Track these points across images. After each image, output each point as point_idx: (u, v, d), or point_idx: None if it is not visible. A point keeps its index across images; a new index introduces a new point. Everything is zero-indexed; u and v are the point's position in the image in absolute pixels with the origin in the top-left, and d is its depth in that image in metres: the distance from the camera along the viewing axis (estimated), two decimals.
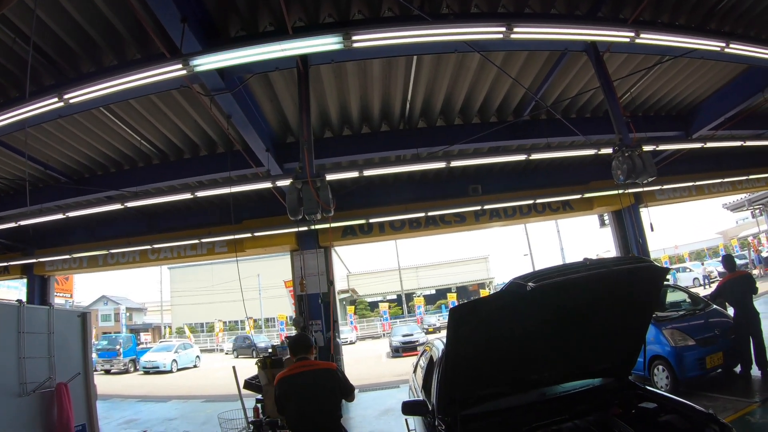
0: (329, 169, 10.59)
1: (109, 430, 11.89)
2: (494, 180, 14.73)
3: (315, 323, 13.14)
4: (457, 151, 11.15)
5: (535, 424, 4.29)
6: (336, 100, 9.29)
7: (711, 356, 8.41)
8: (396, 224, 14.66)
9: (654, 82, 10.61)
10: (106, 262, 15.76)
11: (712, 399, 7.92)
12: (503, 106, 10.45)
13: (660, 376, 8.78)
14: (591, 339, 4.23)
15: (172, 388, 19.61)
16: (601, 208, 16.32)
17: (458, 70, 8.85)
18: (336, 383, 4.67)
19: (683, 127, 12.54)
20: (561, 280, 3.46)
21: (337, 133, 10.50)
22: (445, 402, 4.27)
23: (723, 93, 11.42)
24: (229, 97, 7.02)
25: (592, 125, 10.90)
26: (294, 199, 6.50)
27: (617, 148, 7.47)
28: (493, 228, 16.78)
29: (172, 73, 5.47)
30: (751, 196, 28.56)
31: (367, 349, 31.80)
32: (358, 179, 11.00)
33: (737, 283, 8.99)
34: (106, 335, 34.30)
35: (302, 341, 4.99)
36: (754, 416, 6.90)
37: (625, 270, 3.74)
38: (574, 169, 15.08)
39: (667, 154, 14.05)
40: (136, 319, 63.94)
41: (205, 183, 11.21)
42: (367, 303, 58.95)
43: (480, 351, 3.87)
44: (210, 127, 9.73)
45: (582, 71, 9.39)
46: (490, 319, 3.72)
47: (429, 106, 10.02)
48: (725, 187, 18.39)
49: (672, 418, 3.86)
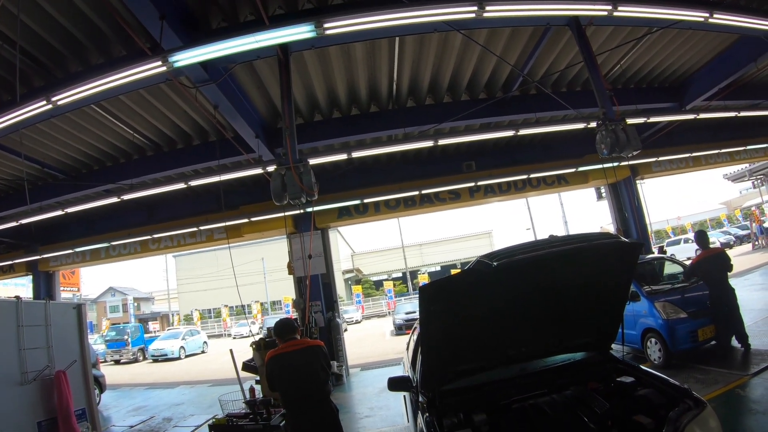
0: (322, 151, 10.72)
1: (118, 417, 12.14)
2: (488, 156, 14.71)
3: (315, 304, 13.26)
4: (448, 128, 11.15)
5: (514, 398, 4.36)
6: (323, 84, 9.30)
7: (703, 329, 8.53)
8: (391, 203, 14.69)
9: (644, 53, 10.55)
10: (108, 254, 15.91)
11: (704, 371, 8.03)
12: (491, 82, 10.42)
13: (653, 349, 8.93)
14: (568, 314, 4.29)
15: (180, 375, 19.89)
16: (596, 182, 16.34)
17: (442, 49, 8.83)
18: (325, 357, 4.90)
19: (676, 98, 12.46)
20: (525, 258, 3.52)
21: (326, 115, 10.53)
22: (426, 377, 4.34)
23: (715, 63, 11.35)
24: (214, 88, 7.05)
25: (583, 99, 10.79)
26: (278, 185, 6.57)
27: (600, 122, 7.47)
28: (490, 203, 16.79)
29: (153, 70, 5.53)
30: (751, 166, 28.37)
31: (372, 328, 32.08)
32: (351, 160, 11.05)
33: (711, 261, 8.95)
34: (115, 326, 34.69)
35: (288, 325, 5.08)
36: (744, 389, 6.97)
37: (591, 246, 3.81)
38: (568, 142, 14.97)
39: (661, 126, 14.06)
40: (143, 308, 64.51)
41: (201, 171, 11.32)
42: (372, 282, 59.04)
43: (455, 327, 3.95)
44: (200, 117, 9.78)
45: (568, 45, 9.32)
46: (463, 296, 3.78)
47: (416, 85, 10.01)
48: (723, 158, 18.37)
49: (648, 393, 3.89)
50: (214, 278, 51.54)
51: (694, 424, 3.31)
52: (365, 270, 61.05)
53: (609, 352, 4.76)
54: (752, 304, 11.25)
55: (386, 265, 60.29)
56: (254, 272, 48.44)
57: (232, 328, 42.43)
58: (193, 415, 11.23)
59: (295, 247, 13.11)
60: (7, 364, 6.19)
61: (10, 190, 12.52)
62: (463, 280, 3.87)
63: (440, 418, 3.98)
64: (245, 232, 14.48)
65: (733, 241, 34.93)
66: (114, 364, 28.22)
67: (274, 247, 44.95)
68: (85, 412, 7.35)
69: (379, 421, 8.81)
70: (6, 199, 12.62)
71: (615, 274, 4.14)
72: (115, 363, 28.43)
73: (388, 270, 59.84)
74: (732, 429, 5.61)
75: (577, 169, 14.73)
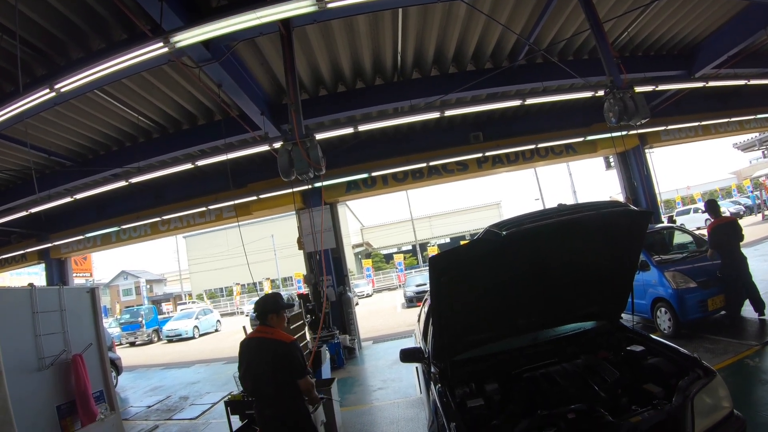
0: (328, 126, 10.71)
1: (135, 398, 12.31)
2: (495, 126, 14.64)
3: (326, 279, 13.29)
4: (455, 99, 11.08)
5: (525, 367, 4.39)
6: (326, 58, 9.22)
7: (713, 299, 8.49)
8: (399, 176, 14.65)
9: (652, 20, 10.41)
10: (119, 238, 16.02)
11: (713, 341, 8.03)
12: (497, 51, 10.31)
13: (662, 318, 8.92)
14: (577, 283, 4.29)
15: (195, 354, 20.19)
16: (605, 151, 16.23)
17: (446, 19, 8.73)
18: (286, 358, 4.32)
19: (685, 66, 12.30)
20: (534, 227, 3.51)
21: (331, 90, 10.45)
22: (438, 348, 4.37)
23: (725, 30, 11.19)
24: (217, 67, 7.02)
25: (590, 67, 10.63)
26: (285, 161, 6.55)
27: (608, 91, 7.38)
28: (499, 174, 16.71)
29: (155, 52, 5.53)
30: (762, 135, 28.05)
31: (383, 301, 32.19)
32: (357, 134, 11.01)
33: (723, 230, 8.88)
34: (128, 309, 35.07)
35: (264, 303, 4.62)
36: (754, 359, 6.95)
37: (600, 215, 3.79)
38: (575, 111, 14.93)
39: (670, 94, 13.95)
40: (156, 290, 65.21)
41: (207, 151, 11.28)
42: (382, 255, 59.31)
43: (465, 298, 3.97)
44: (205, 97, 9.75)
45: (575, 12, 9.18)
46: (472, 266, 3.79)
47: (421, 56, 9.92)
48: (732, 126, 18.20)
49: (658, 362, 3.91)
50: (224, 257, 51.97)
51: (703, 393, 3.32)
52: (375, 244, 61.24)
53: (619, 322, 4.78)
54: (762, 274, 11.15)
55: (396, 239, 60.57)
56: (264, 249, 48.69)
57: (244, 306, 42.64)
58: (209, 393, 11.40)
59: (304, 222, 13.12)
60: (25, 350, 6.27)
61: (18, 181, 12.61)
62: (473, 250, 3.86)
63: (452, 388, 4.00)
64: (254, 209, 14.52)
65: (743, 211, 34.70)
66: (129, 346, 28.63)
67: (283, 224, 45.18)
68: (103, 394, 7.46)
69: (392, 393, 8.87)
70: (15, 190, 12.74)
71: (624, 244, 4.13)
72: (131, 345, 28.86)
73: (397, 243, 60.20)
74: (741, 398, 5.56)
75: (586, 138, 14.59)
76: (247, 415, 6.02)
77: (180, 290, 60.68)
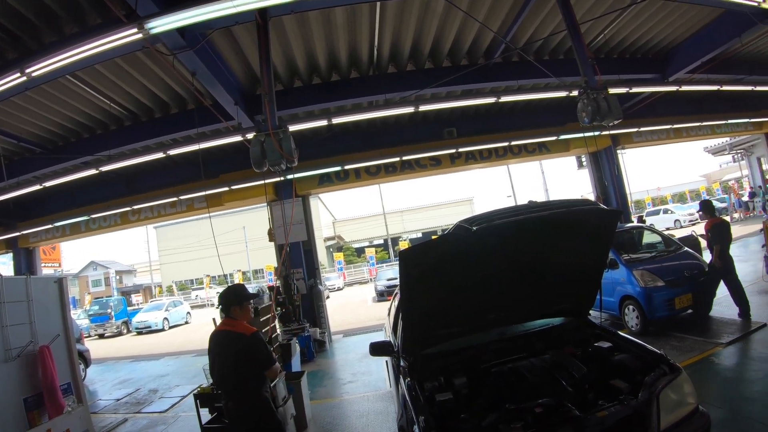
0: (302, 118, 10.70)
1: (104, 390, 12.11)
2: (469, 123, 14.75)
3: (296, 272, 13.26)
4: (430, 95, 11.10)
5: (493, 362, 4.44)
6: (302, 50, 9.20)
7: (680, 297, 8.61)
8: (372, 169, 14.63)
9: (629, 23, 10.60)
10: (88, 227, 15.73)
11: (680, 339, 8.20)
12: (473, 48, 10.38)
13: (630, 316, 9.06)
14: (547, 280, 4.33)
15: (165, 346, 19.94)
16: (577, 150, 16.44)
17: (424, 14, 8.75)
18: (248, 351, 4.26)
19: (660, 69, 12.59)
20: (504, 223, 3.54)
21: (306, 82, 10.42)
22: (407, 342, 4.37)
23: (700, 36, 11.45)
24: (192, 55, 6.95)
25: (565, 67, 10.81)
26: (257, 152, 6.52)
27: (582, 91, 7.47)
28: (471, 170, 16.79)
29: (129, 38, 5.49)
30: (732, 140, 28.64)
31: (354, 295, 32.09)
32: (331, 127, 10.98)
33: (720, 229, 9.02)
34: (97, 300, 34.62)
35: (227, 295, 4.57)
36: (719, 357, 7.12)
37: (569, 212, 3.83)
38: (549, 110, 15.11)
39: (643, 97, 14.13)
40: (126, 281, 64.24)
41: (179, 140, 11.13)
42: (354, 249, 59.27)
43: (435, 292, 3.99)
44: (178, 85, 9.64)
45: (552, 13, 9.29)
46: (442, 261, 3.79)
47: (397, 51, 9.94)
48: (704, 130, 18.77)
49: (624, 358, 3.97)
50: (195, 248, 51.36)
51: (668, 389, 3.38)
52: (347, 237, 61.24)
53: (587, 318, 4.84)
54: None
55: (367, 232, 60.65)
56: (236, 241, 48.37)
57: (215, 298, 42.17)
58: (178, 386, 11.28)
59: (276, 214, 13.03)
60: None
61: None
62: (443, 245, 3.89)
63: (421, 382, 4.01)
64: (226, 200, 14.41)
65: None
66: (98, 338, 28.17)
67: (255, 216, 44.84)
68: (71, 387, 7.29)
69: (361, 387, 8.88)
70: None
71: (593, 241, 4.19)
72: (100, 337, 28.36)
73: (369, 237, 60.31)
74: (706, 395, 5.66)
75: (559, 137, 14.81)
76: (217, 408, 5.98)
77: (150, 281, 59.91)
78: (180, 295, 45.25)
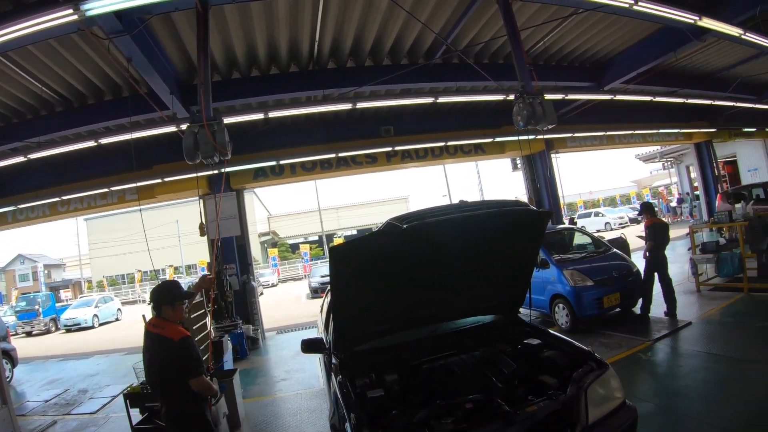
0: (239, 110, 10.53)
1: (32, 391, 11.70)
2: (407, 122, 14.82)
3: (229, 267, 13.10)
4: (369, 92, 11.12)
5: (424, 358, 4.49)
6: (242, 41, 9.02)
7: (608, 296, 9.01)
8: (307, 165, 14.51)
9: (568, 33, 10.81)
10: (15, 218, 14.93)
11: (608, 336, 8.57)
12: (415, 48, 10.40)
13: (560, 314, 9.39)
14: (477, 278, 4.40)
15: (95, 344, 19.47)
16: (512, 153, 16.75)
17: (368, 11, 8.70)
18: (175, 358, 3.89)
19: (596, 78, 12.89)
20: (434, 221, 3.60)
21: (245, 73, 10.22)
22: (338, 339, 4.37)
23: (637, 49, 11.79)
24: (129, 40, 6.63)
25: (504, 71, 10.91)
26: (190, 143, 6.32)
27: (518, 95, 7.60)
28: (408, 169, 16.89)
29: (64, 19, 5.30)
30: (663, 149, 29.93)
31: (288, 291, 32.10)
32: (268, 120, 10.81)
33: (659, 229, 9.47)
34: (25, 296, 33.34)
35: (154, 294, 4.22)
36: (645, 354, 7.47)
37: (499, 212, 3.92)
38: (487, 113, 15.34)
39: (579, 104, 14.50)
40: (54, 275, 62.06)
41: (112, 128, 10.75)
42: (289, 245, 59.17)
43: (367, 289, 3.99)
44: (113, 71, 9.28)
45: (494, 18, 9.37)
46: (373, 258, 3.81)
47: (338, 46, 9.86)
48: (636, 138, 19.60)
49: (553, 354, 4.10)
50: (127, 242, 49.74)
51: (596, 384, 3.50)
52: (281, 233, 60.66)
53: (517, 316, 4.95)
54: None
55: (303, 228, 60.14)
56: (169, 235, 47.26)
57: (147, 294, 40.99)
58: (109, 385, 10.94)
59: (209, 208, 12.74)
60: None
61: None
62: (373, 242, 3.91)
63: (353, 378, 4.02)
64: (158, 192, 13.99)
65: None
66: (26, 336, 27.19)
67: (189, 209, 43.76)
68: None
69: (295, 384, 8.86)
70: None
71: (523, 241, 4.30)
72: (27, 335, 27.40)
73: (304, 233, 59.83)
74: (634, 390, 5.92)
75: (495, 139, 15.13)
76: (148, 408, 5.80)
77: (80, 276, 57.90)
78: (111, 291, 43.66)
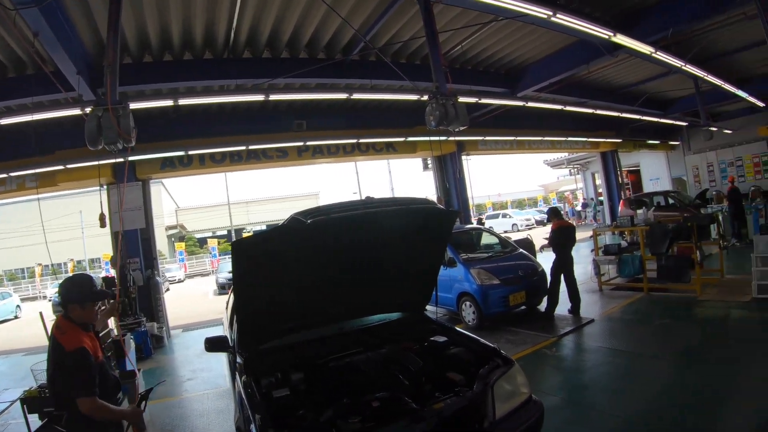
0: (149, 95, 10.14)
1: None
2: (321, 117, 14.73)
3: (132, 261, 12.56)
4: (283, 84, 10.93)
5: (331, 356, 4.45)
6: (157, 21, 8.61)
7: (514, 294, 9.32)
8: (217, 157, 14.14)
9: (486, 39, 11.07)
10: None
11: (514, 333, 8.85)
12: (333, 43, 10.36)
13: (467, 312, 9.61)
14: (384, 275, 4.42)
15: None
16: (423, 153, 17.06)
17: (288, 1, 8.56)
18: (63, 369, 3.19)
19: (510, 85, 13.34)
20: (340, 217, 3.58)
21: (157, 57, 9.82)
22: (242, 337, 4.29)
23: (552, 59, 12.26)
24: (37, 13, 6.22)
25: (421, 72, 10.92)
26: (93, 127, 5.94)
27: (432, 96, 7.70)
28: (319, 165, 16.82)
29: None
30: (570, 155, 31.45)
31: (196, 287, 31.69)
32: (179, 108, 10.39)
33: (564, 232, 9.84)
34: None
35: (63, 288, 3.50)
36: (550, 350, 7.77)
37: (406, 210, 3.96)
38: (400, 112, 15.47)
39: (492, 108, 14.86)
40: None
41: (13, 108, 10.05)
42: (197, 239, 57.98)
43: (271, 285, 3.92)
44: (18, 46, 8.69)
45: (414, 18, 9.43)
46: (276, 253, 3.73)
47: (255, 36, 9.66)
48: (545, 145, 20.50)
49: (460, 351, 4.16)
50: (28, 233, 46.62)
51: (502, 380, 3.57)
52: (189, 226, 59.51)
53: (423, 313, 5.02)
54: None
55: (211, 222, 59.10)
56: (72, 227, 44.88)
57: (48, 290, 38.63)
58: (6, 389, 10.02)
59: (113, 198, 12.15)
60: None
61: None
62: (277, 236, 3.84)
63: (258, 378, 3.92)
64: (60, 180, 13.12)
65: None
66: None
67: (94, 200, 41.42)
68: None
69: (201, 384, 8.67)
70: None
71: (430, 239, 4.36)
72: None
73: (213, 227, 58.91)
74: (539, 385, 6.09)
75: (407, 138, 15.34)
76: (47, 413, 5.41)
77: None
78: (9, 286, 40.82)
